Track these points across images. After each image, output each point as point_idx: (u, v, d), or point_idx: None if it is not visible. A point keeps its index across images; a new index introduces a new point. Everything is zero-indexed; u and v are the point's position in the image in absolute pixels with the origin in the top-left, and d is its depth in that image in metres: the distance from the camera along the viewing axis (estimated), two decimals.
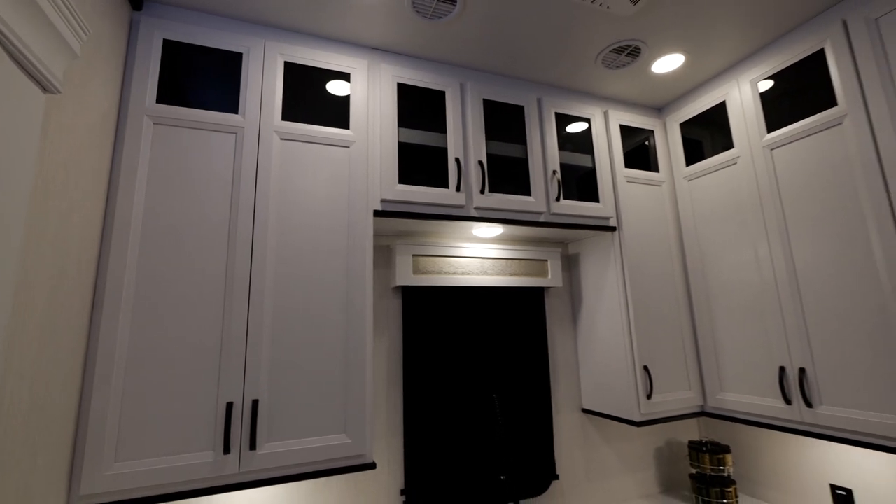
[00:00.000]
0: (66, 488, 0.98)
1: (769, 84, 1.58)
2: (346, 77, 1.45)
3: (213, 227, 1.21)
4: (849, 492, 1.56)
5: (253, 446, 1.13)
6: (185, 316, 1.15)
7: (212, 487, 1.10)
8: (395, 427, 1.62)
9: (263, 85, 1.34)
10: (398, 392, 1.65)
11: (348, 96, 1.45)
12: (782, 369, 1.47)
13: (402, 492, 1.57)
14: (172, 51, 1.27)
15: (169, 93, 1.24)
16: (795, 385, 1.43)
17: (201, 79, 1.29)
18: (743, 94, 1.66)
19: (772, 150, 1.55)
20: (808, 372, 1.40)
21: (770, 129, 1.57)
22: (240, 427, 1.14)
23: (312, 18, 1.39)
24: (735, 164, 1.67)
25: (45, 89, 0.78)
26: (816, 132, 1.42)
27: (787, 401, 1.45)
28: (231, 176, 1.25)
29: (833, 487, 1.61)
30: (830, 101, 1.39)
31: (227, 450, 1.10)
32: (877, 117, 1.27)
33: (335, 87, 1.43)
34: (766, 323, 1.54)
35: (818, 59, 1.43)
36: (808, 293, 1.42)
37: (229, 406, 1.13)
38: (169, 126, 1.22)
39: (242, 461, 1.12)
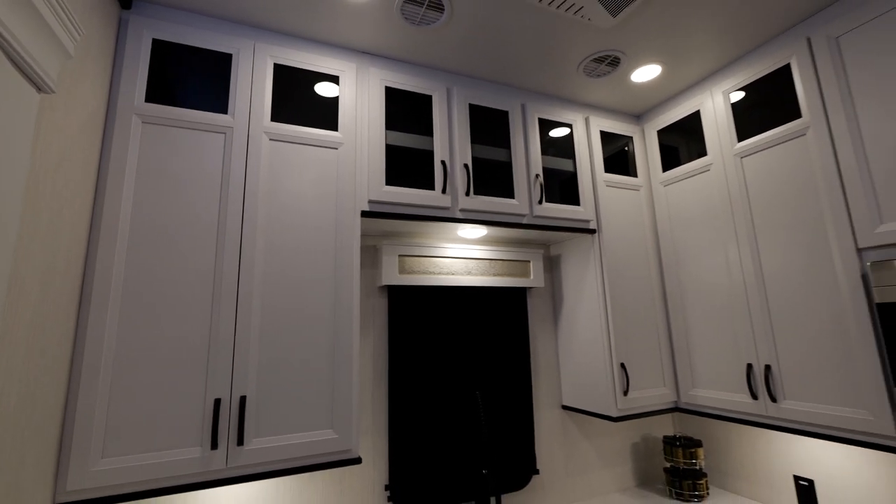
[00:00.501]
0: (52, 484, 0.99)
1: (740, 95, 1.67)
2: (335, 80, 1.48)
3: (202, 226, 1.23)
4: (810, 482, 1.66)
5: (241, 442, 1.15)
6: (173, 313, 1.16)
7: (199, 483, 1.11)
8: (381, 424, 1.65)
9: (253, 86, 1.36)
10: (383, 390, 1.68)
11: (337, 98, 1.47)
12: (749, 366, 1.55)
13: (387, 487, 1.60)
14: (162, 50, 1.28)
15: (158, 92, 1.25)
16: (761, 381, 1.52)
17: (191, 79, 1.30)
18: (716, 104, 1.74)
19: (742, 158, 1.63)
20: (773, 369, 1.49)
21: (741, 138, 1.65)
22: (227, 423, 1.16)
23: (302, 21, 1.42)
24: (708, 170, 1.76)
25: (39, 89, 0.79)
26: (782, 142, 1.50)
27: (754, 396, 1.53)
28: (220, 175, 1.27)
29: (796, 478, 1.70)
30: (795, 114, 1.48)
31: (214, 445, 1.12)
32: (837, 130, 1.35)
33: (324, 90, 1.46)
34: (735, 323, 1.62)
35: (785, 73, 1.52)
36: (774, 295, 1.50)
37: (217, 402, 1.15)
38: (158, 125, 1.23)
39: (230, 456, 1.14)
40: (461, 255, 1.83)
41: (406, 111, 1.58)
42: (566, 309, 2.01)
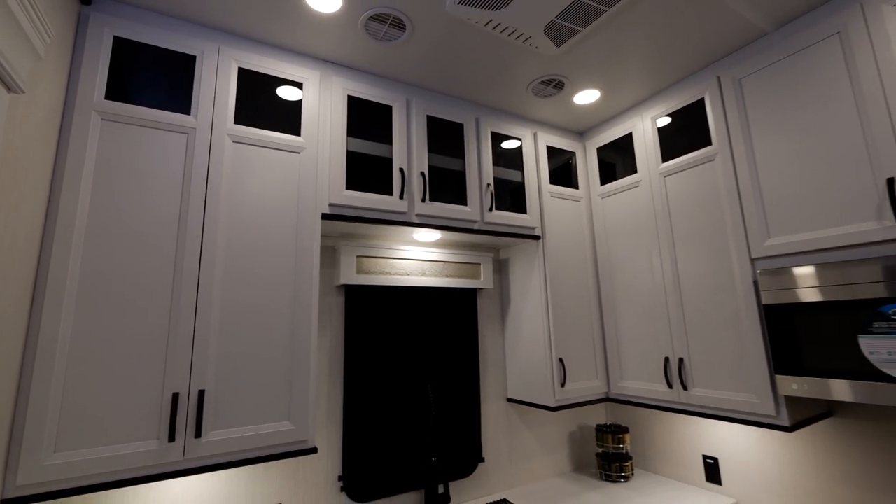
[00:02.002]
0: (1, 479, 0.99)
1: (666, 121, 1.89)
2: (298, 86, 1.54)
3: (163, 223, 1.25)
4: (715, 460, 1.91)
5: (199, 434, 1.19)
6: (131, 308, 1.18)
7: (156, 475, 1.14)
8: (335, 418, 1.72)
9: (217, 88, 1.39)
10: (339, 385, 1.75)
11: (300, 104, 1.53)
12: (667, 359, 1.78)
13: (340, 478, 1.68)
14: (124, 48, 1.29)
15: (119, 90, 1.26)
16: (676, 372, 1.74)
17: (153, 78, 1.31)
18: (645, 128, 1.96)
19: (665, 177, 1.86)
20: (685, 361, 1.72)
21: (665, 159, 1.88)
22: (185, 416, 1.19)
23: (268, 28, 1.47)
24: (638, 186, 1.98)
25: (9, 89, 0.81)
26: (697, 165, 1.74)
27: (670, 385, 1.76)
28: (182, 175, 1.30)
29: (705, 457, 1.95)
30: (707, 141, 1.71)
31: (172, 438, 1.15)
32: (738, 157, 1.59)
33: (288, 96, 1.52)
34: (656, 321, 1.84)
35: (700, 105, 1.75)
36: (687, 297, 1.73)
37: (175, 396, 1.18)
38: (118, 123, 1.24)
39: (187, 448, 1.18)
40: (416, 257, 1.94)
41: (367, 119, 1.67)
42: (513, 309, 2.17)
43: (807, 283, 1.35)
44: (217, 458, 1.22)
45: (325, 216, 1.52)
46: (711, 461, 1.92)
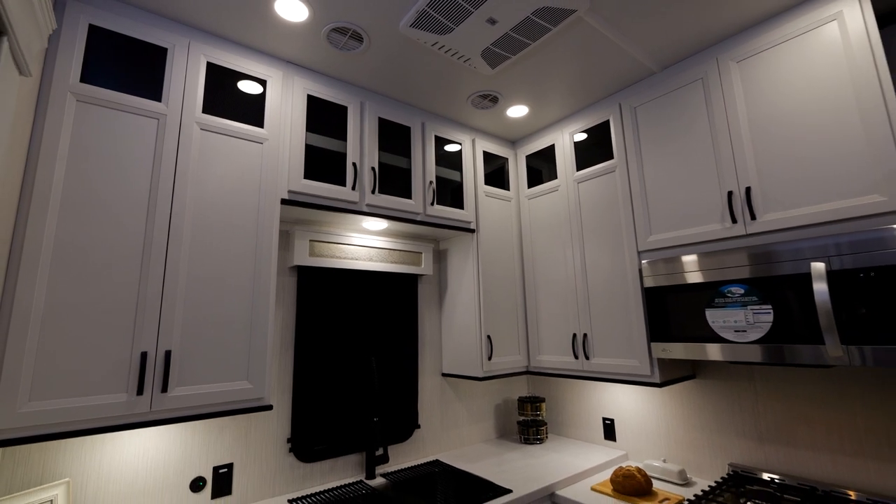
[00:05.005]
0: None
1: (582, 136, 2.26)
2: (262, 83, 1.70)
3: (134, 200, 1.37)
4: (612, 421, 2.30)
5: (165, 389, 1.32)
6: (103, 277, 1.29)
7: (125, 424, 1.27)
8: (285, 386, 1.88)
9: (187, 79, 1.52)
10: (289, 356, 1.91)
11: (264, 100, 1.69)
12: (574, 335, 2.13)
13: (289, 440, 1.84)
14: (98, 36, 1.39)
15: (93, 74, 1.36)
16: (581, 345, 2.10)
17: (126, 66, 1.42)
18: (564, 141, 2.32)
19: (578, 183, 2.23)
20: (588, 336, 2.08)
21: (578, 168, 2.24)
22: (153, 373, 1.32)
23: (237, 29, 1.61)
24: (557, 190, 2.33)
25: (21, 72, 0.93)
26: (602, 175, 2.11)
27: (576, 356, 2.11)
28: (153, 156, 1.42)
29: (604, 419, 2.34)
30: (610, 155, 2.09)
31: (140, 392, 1.29)
32: (631, 170, 1.98)
33: (252, 90, 1.67)
34: (567, 303, 2.20)
35: (606, 125, 2.13)
36: (592, 283, 2.10)
37: (144, 355, 1.31)
38: (92, 105, 1.34)
39: (154, 401, 1.31)
40: (364, 243, 2.14)
41: (324, 117, 1.86)
42: (449, 293, 2.44)
43: (675, 269, 1.74)
44: (182, 411, 1.36)
45: (284, 201, 1.70)
46: (609, 422, 2.32)
